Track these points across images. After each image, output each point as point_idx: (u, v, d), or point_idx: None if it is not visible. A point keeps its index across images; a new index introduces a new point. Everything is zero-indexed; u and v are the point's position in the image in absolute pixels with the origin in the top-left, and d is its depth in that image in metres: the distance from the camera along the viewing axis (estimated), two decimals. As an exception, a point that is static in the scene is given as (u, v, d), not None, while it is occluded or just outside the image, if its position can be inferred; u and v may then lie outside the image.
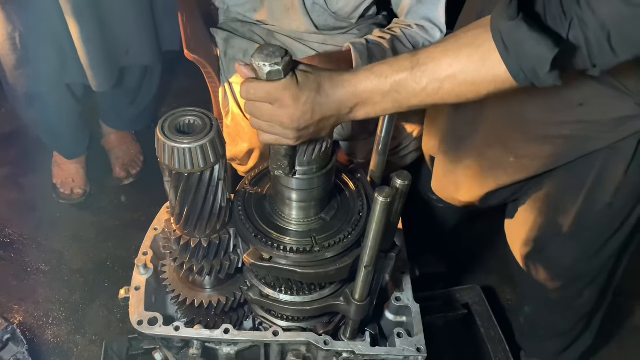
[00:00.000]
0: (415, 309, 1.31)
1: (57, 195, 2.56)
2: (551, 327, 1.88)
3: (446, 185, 1.79)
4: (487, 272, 2.39)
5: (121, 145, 2.68)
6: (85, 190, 2.59)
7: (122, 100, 2.53)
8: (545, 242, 1.63)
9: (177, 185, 1.08)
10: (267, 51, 0.92)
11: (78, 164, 2.58)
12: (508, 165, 1.53)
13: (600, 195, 1.44)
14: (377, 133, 1.22)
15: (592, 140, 1.36)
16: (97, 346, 2.05)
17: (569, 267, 1.63)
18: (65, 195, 2.55)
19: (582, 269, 1.63)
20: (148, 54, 2.25)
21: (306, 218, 1.17)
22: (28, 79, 2.08)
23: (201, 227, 1.16)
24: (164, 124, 1.03)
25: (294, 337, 1.23)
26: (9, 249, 2.37)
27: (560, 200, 1.53)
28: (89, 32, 1.94)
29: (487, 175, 1.60)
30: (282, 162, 1.03)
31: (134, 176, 2.66)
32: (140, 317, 1.25)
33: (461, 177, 1.69)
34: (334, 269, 1.12)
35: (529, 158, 1.48)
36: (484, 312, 1.99)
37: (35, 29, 1.96)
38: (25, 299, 2.20)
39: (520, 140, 1.46)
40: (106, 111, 2.63)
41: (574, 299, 1.73)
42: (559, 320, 1.83)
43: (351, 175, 1.27)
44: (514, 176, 1.55)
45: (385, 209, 0.92)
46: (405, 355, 1.23)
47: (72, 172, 2.57)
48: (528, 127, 1.43)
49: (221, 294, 1.32)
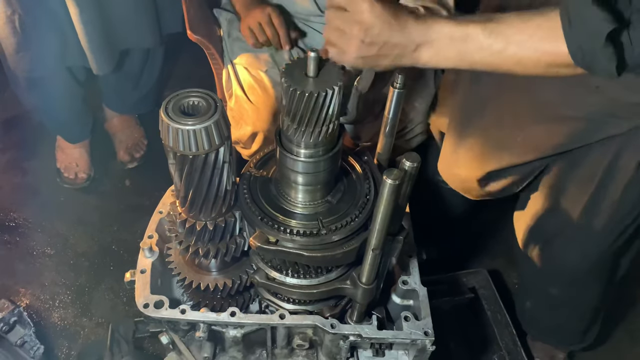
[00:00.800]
0: (423, 293, 1.30)
1: (61, 179, 2.56)
2: (553, 323, 1.87)
3: (449, 163, 1.77)
4: (493, 255, 2.38)
5: (124, 129, 2.66)
6: (89, 175, 2.58)
7: (125, 84, 2.50)
8: (553, 234, 1.61)
9: (181, 168, 1.06)
10: None
11: (82, 148, 2.57)
12: (515, 144, 1.51)
13: (612, 187, 1.41)
14: (384, 114, 1.19)
15: (605, 125, 1.33)
16: (103, 329, 2.06)
17: (574, 262, 1.61)
18: (70, 180, 2.54)
19: (587, 264, 1.61)
20: (149, 37, 2.22)
21: (312, 201, 1.15)
22: (28, 62, 2.06)
23: (206, 210, 1.15)
24: (167, 105, 1.01)
25: (301, 320, 1.23)
26: (14, 233, 2.37)
27: (571, 190, 1.51)
28: (88, 14, 1.91)
29: (491, 154, 1.58)
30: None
31: (138, 160, 2.65)
32: (146, 300, 1.25)
33: (463, 154, 1.67)
34: (341, 252, 1.11)
35: (539, 138, 1.46)
36: (490, 295, 1.99)
37: (34, 12, 1.94)
38: (31, 282, 2.21)
39: (532, 119, 1.44)
40: (109, 95, 2.61)
41: (576, 296, 1.72)
42: (561, 318, 1.83)
43: (358, 157, 1.26)
44: (520, 157, 1.53)
45: (393, 191, 0.91)
46: (412, 338, 1.23)
47: (76, 156, 2.56)
48: (541, 105, 1.41)
49: (227, 277, 1.31)
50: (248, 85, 1.83)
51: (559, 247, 1.62)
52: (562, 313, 1.80)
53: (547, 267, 1.70)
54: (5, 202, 2.48)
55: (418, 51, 1.00)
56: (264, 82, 1.82)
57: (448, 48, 0.98)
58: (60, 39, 2.01)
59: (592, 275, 1.64)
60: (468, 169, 1.67)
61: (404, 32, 0.98)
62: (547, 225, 1.62)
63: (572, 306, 1.76)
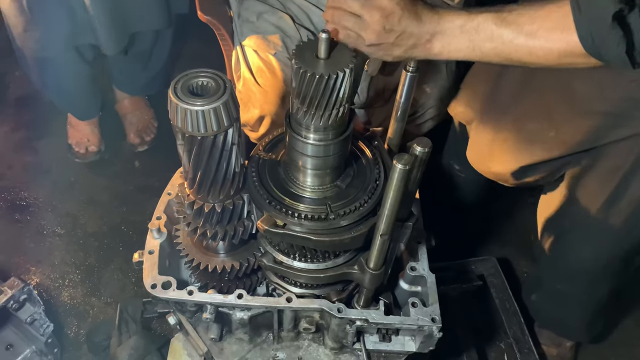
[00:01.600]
0: (431, 279, 1.29)
1: (72, 154, 2.58)
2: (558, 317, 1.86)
3: (482, 155, 1.75)
4: (503, 243, 2.36)
5: (135, 111, 2.66)
6: (99, 149, 2.60)
7: (134, 65, 2.50)
8: (568, 228, 1.59)
9: (190, 149, 1.05)
10: None
11: (92, 125, 2.59)
12: (547, 139, 1.49)
13: (634, 185, 1.39)
14: (396, 98, 1.18)
15: (635, 121, 1.30)
16: (112, 308, 2.08)
17: (586, 259, 1.59)
18: (80, 154, 2.57)
19: (599, 262, 1.58)
20: (159, 18, 2.21)
21: (321, 185, 1.14)
22: (36, 41, 2.06)
23: (215, 192, 1.14)
24: (176, 85, 1.00)
25: (308, 304, 1.22)
26: (25, 212, 2.39)
27: (592, 184, 1.48)
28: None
29: (524, 148, 1.56)
30: None
31: (148, 143, 2.65)
32: (153, 281, 1.25)
33: (497, 147, 1.65)
34: (349, 237, 1.10)
35: (571, 133, 1.44)
36: (499, 283, 1.97)
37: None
38: (41, 261, 2.23)
39: (565, 113, 1.42)
40: (118, 76, 2.61)
41: (583, 293, 1.70)
42: (566, 313, 1.81)
43: (368, 142, 1.24)
44: (552, 152, 1.51)
45: (403, 177, 0.89)
46: (419, 324, 1.22)
47: (87, 132, 2.58)
48: (575, 100, 1.39)
49: (235, 259, 1.31)
50: (256, 68, 1.80)
51: (572, 241, 1.60)
52: (568, 309, 1.78)
53: (559, 262, 1.68)
54: (16, 181, 2.50)
55: (431, 42, 1.00)
56: (273, 65, 1.80)
57: (459, 38, 0.98)
58: (69, 18, 2.00)
59: (602, 274, 1.62)
60: (502, 162, 1.66)
61: (420, 22, 0.98)
62: (563, 218, 1.60)
63: (578, 302, 1.74)
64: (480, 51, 0.98)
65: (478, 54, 0.99)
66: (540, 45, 0.93)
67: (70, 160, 2.58)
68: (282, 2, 1.88)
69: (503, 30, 0.95)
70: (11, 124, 2.74)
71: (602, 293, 1.69)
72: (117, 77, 2.62)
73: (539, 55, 0.95)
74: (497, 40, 0.96)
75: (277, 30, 1.81)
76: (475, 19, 0.97)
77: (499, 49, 0.96)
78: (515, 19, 0.94)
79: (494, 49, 0.97)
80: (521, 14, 0.94)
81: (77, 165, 2.56)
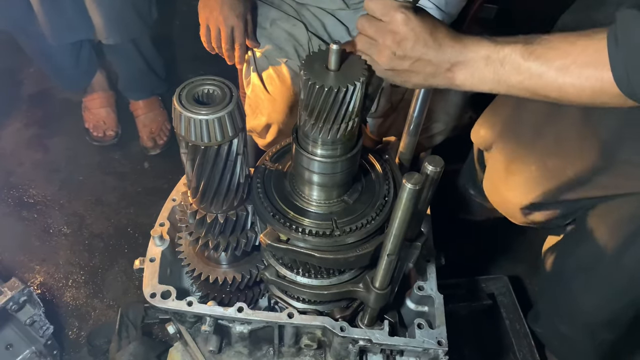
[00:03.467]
0: (439, 300, 1.24)
1: (90, 138, 2.60)
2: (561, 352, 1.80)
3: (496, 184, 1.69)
4: (515, 260, 2.29)
5: (148, 113, 2.65)
6: (117, 132, 2.62)
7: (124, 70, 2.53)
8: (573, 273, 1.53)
9: (193, 158, 1.02)
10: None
11: (108, 107, 2.62)
12: (565, 179, 1.43)
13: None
14: (409, 112, 1.13)
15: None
16: (114, 311, 2.06)
17: (587, 308, 1.53)
18: (98, 138, 2.59)
19: (600, 315, 1.53)
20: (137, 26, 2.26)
21: (328, 200, 1.10)
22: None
23: (218, 202, 1.11)
24: (181, 93, 0.97)
25: (309, 320, 1.18)
26: (33, 210, 2.38)
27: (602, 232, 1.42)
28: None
29: (538, 183, 1.51)
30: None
31: (161, 147, 2.63)
32: (153, 290, 1.22)
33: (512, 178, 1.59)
34: (354, 255, 1.06)
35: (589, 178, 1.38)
36: (509, 303, 1.92)
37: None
38: (46, 260, 2.22)
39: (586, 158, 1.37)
40: (123, 82, 2.61)
41: (584, 340, 1.64)
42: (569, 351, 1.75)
43: (378, 156, 1.20)
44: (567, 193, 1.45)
45: (412, 197, 0.85)
46: (424, 347, 1.17)
47: (103, 115, 2.60)
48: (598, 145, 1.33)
49: (237, 270, 1.28)
50: (266, 75, 1.77)
51: (576, 288, 1.55)
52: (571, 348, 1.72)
53: (561, 305, 1.62)
54: (26, 178, 2.49)
55: (452, 71, 0.94)
56: (283, 72, 1.76)
57: (484, 70, 0.92)
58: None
59: (604, 326, 1.57)
60: (515, 194, 1.61)
61: (439, 50, 0.92)
62: (568, 262, 1.55)
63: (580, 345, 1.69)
64: (506, 84, 0.92)
65: (504, 87, 0.93)
66: (571, 82, 0.86)
67: (80, 159, 2.57)
68: (297, 9, 1.85)
69: (531, 63, 0.88)
70: (23, 121, 2.74)
71: (605, 343, 1.63)
72: (121, 83, 2.63)
73: (570, 92, 0.87)
74: (524, 73, 0.89)
75: (290, 38, 1.78)
76: (502, 50, 0.90)
77: (526, 83, 0.90)
78: (544, 52, 0.87)
79: (520, 82, 0.90)
80: (552, 47, 0.87)
81: (86, 164, 2.55)
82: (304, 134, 0.99)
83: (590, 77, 0.84)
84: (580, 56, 0.85)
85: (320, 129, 0.95)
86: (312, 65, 0.92)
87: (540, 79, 0.88)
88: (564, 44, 0.86)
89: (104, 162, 2.58)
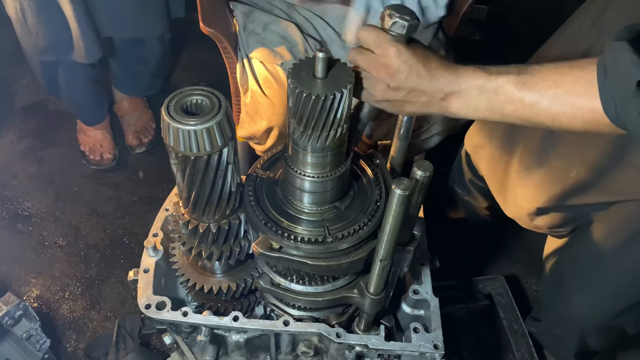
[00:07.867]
0: (434, 303, 1.24)
1: (87, 162, 2.57)
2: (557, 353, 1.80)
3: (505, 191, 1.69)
4: (512, 260, 2.29)
5: (133, 112, 2.66)
6: (114, 155, 2.59)
7: (136, 67, 2.51)
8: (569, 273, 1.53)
9: (183, 169, 1.02)
10: (402, 8, 0.91)
11: (104, 129, 2.59)
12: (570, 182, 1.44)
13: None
14: (399, 117, 1.13)
15: None
16: (111, 322, 2.05)
17: (581, 312, 1.53)
18: (96, 161, 2.56)
19: (594, 318, 1.53)
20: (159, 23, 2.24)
21: (319, 206, 1.10)
22: (37, 46, 2.08)
23: (210, 212, 1.10)
24: (169, 103, 0.96)
25: (305, 327, 1.18)
26: (27, 222, 2.37)
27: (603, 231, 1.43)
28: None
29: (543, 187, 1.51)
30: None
31: (146, 145, 2.65)
32: (148, 301, 1.22)
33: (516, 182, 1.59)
34: (347, 261, 1.06)
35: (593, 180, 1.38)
36: (507, 304, 1.92)
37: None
38: (42, 273, 2.21)
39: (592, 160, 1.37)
40: (119, 77, 2.61)
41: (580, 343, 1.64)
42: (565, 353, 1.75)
43: (369, 160, 1.20)
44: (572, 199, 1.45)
45: (402, 202, 0.85)
46: (421, 351, 1.17)
47: (99, 137, 2.58)
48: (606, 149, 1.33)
49: (231, 279, 1.27)
50: (264, 79, 1.78)
51: (570, 290, 1.55)
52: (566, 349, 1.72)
53: (557, 309, 1.63)
54: (20, 191, 2.49)
55: (447, 100, 0.95)
56: (280, 75, 1.78)
57: (478, 99, 0.93)
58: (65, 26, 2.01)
59: (599, 331, 1.57)
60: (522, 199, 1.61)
61: (432, 80, 0.93)
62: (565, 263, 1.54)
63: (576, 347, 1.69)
64: (500, 113, 0.93)
65: (498, 115, 0.94)
66: (563, 112, 0.87)
67: (74, 170, 2.56)
68: (288, 12, 1.86)
69: (524, 93, 0.89)
70: (17, 133, 2.73)
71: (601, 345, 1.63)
72: (118, 78, 2.62)
73: (563, 121, 0.89)
74: (517, 103, 0.90)
75: (283, 40, 1.79)
76: (495, 80, 0.91)
77: (520, 112, 0.91)
78: (537, 82, 0.88)
79: (514, 111, 0.91)
80: (544, 77, 0.88)
81: (81, 176, 2.54)
82: (294, 141, 0.99)
83: (582, 107, 0.85)
84: (572, 87, 0.86)
85: (309, 136, 0.95)
86: (299, 73, 0.92)
87: (533, 109, 0.89)
88: (556, 75, 0.87)
89: (98, 172, 2.57)
